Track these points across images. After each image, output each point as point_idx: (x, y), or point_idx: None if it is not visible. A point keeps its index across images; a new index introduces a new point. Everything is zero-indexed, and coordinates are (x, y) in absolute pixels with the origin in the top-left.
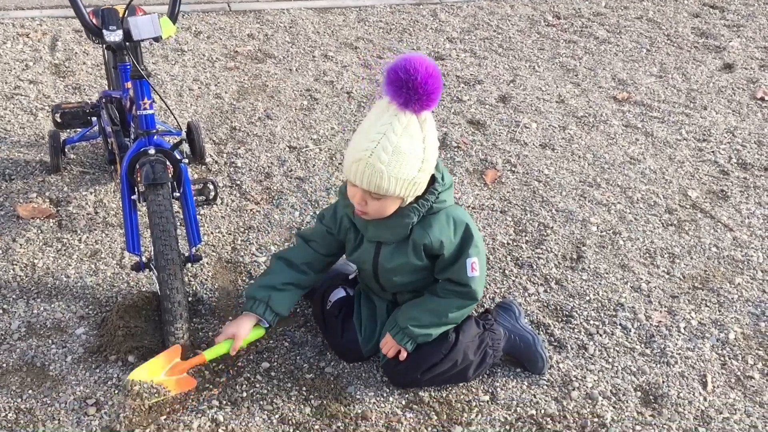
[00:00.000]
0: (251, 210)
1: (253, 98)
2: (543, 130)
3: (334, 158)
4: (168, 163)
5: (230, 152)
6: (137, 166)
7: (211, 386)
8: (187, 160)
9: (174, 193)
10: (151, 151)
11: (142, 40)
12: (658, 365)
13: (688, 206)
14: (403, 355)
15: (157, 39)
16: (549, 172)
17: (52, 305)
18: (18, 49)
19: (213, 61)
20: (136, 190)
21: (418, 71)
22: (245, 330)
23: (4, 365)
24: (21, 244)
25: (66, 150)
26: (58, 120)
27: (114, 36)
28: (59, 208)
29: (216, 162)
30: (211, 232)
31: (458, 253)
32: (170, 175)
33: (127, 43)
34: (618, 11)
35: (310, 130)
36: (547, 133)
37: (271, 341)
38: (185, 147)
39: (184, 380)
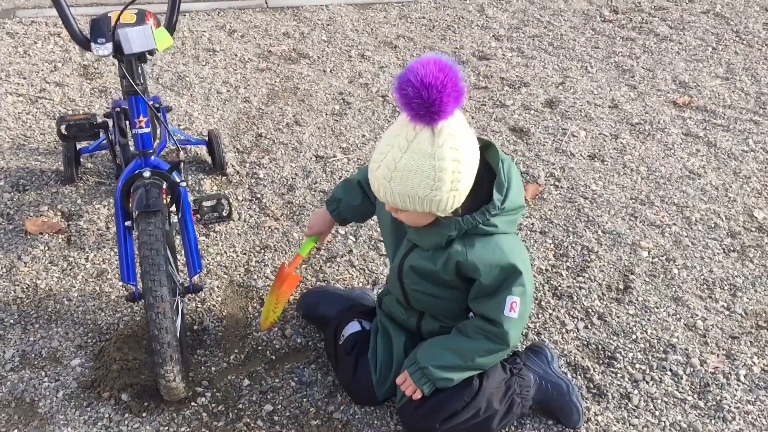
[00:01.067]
0: (269, 227)
1: (282, 102)
2: (592, 139)
3: None
4: (165, 186)
5: (253, 162)
6: (132, 190)
7: (207, 431)
8: (185, 184)
9: (172, 219)
10: (146, 173)
11: (134, 55)
12: (713, 421)
13: (753, 229)
14: (418, 395)
15: (150, 53)
16: (597, 187)
17: (50, 332)
18: (48, 50)
19: (245, 61)
20: (130, 215)
21: (427, 78)
22: (324, 225)
23: None
24: (26, 263)
25: (81, 159)
26: (64, 132)
27: (103, 50)
28: (70, 223)
29: (238, 173)
30: (225, 252)
31: (499, 286)
32: (168, 199)
33: (118, 57)
34: (682, 5)
35: (340, 137)
36: (597, 142)
37: (276, 380)
38: (186, 167)
39: (291, 281)
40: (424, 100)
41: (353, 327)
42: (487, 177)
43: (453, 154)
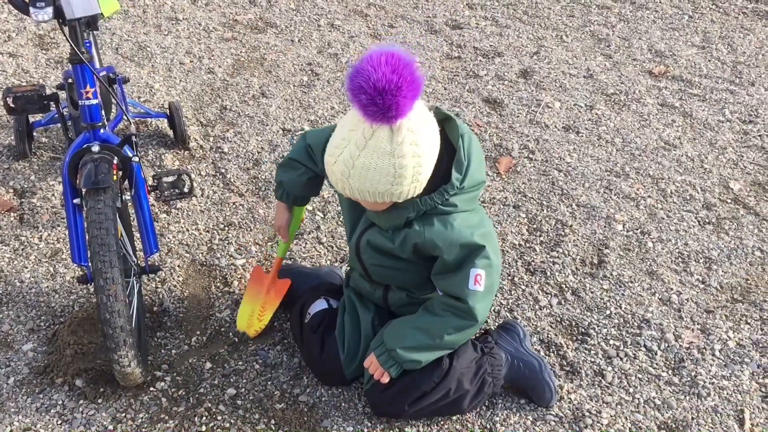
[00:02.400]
0: (234, 203)
1: (248, 73)
2: (567, 110)
3: None
4: (116, 161)
5: (217, 135)
6: (80, 166)
7: (167, 417)
8: (137, 159)
9: (124, 196)
10: (95, 148)
11: (77, 19)
12: (688, 397)
13: (729, 201)
14: (386, 378)
15: (94, 18)
16: (571, 159)
17: (1, 316)
18: (1, 19)
19: (209, 31)
20: (80, 192)
21: (380, 82)
22: (283, 219)
23: None
24: None
25: (35, 134)
26: (11, 105)
27: (42, 14)
28: (23, 200)
29: (201, 147)
30: (187, 229)
31: (462, 261)
32: (120, 175)
33: (61, 22)
34: None
35: (308, 110)
36: (572, 113)
37: (240, 362)
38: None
39: (279, 287)
40: (380, 106)
41: (320, 305)
42: (447, 153)
43: (413, 150)
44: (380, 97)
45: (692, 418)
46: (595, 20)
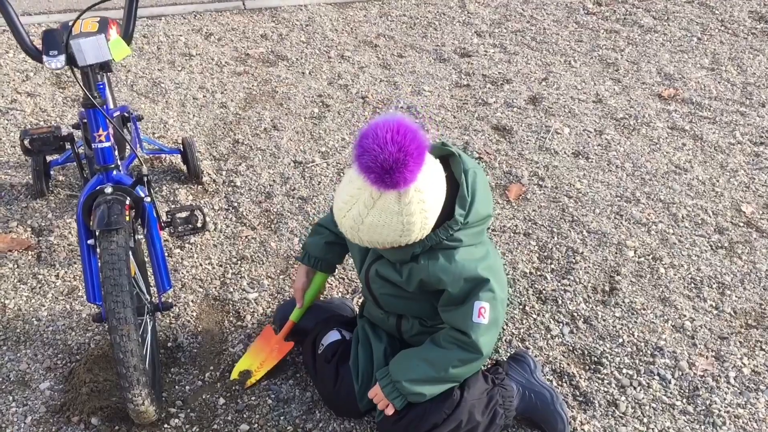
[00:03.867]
0: (246, 237)
1: (260, 106)
2: (576, 136)
3: (341, 174)
4: (129, 201)
5: (230, 169)
6: (93, 207)
7: None
8: (149, 199)
9: (137, 235)
10: (108, 189)
11: (88, 66)
12: (703, 427)
13: (741, 224)
14: (390, 410)
15: (106, 64)
16: (581, 185)
17: (19, 354)
18: (20, 59)
19: (222, 65)
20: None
21: (388, 162)
22: (300, 281)
23: None
24: None
25: (52, 172)
26: (28, 146)
27: (55, 62)
28: (40, 238)
29: (214, 181)
30: (200, 264)
31: (466, 295)
32: (132, 216)
33: (74, 68)
34: None
35: (319, 141)
36: (581, 139)
37: (253, 397)
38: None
39: (283, 347)
40: (387, 183)
41: (333, 336)
42: (451, 189)
43: (420, 207)
44: (388, 175)
45: None
46: (603, 44)
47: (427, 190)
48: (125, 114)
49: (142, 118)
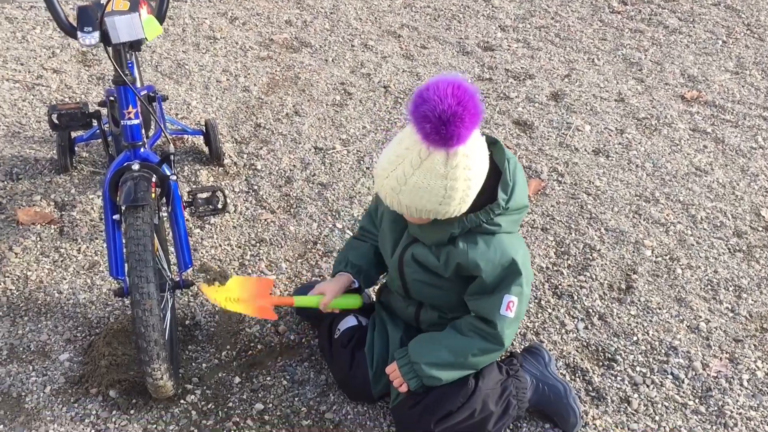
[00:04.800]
0: (266, 220)
1: (282, 92)
2: (597, 134)
3: (362, 162)
4: (155, 179)
5: (251, 153)
6: (120, 183)
7: (196, 430)
8: (175, 177)
9: (161, 213)
10: (135, 166)
11: (121, 44)
12: (714, 427)
13: (760, 228)
14: (404, 388)
15: (138, 42)
16: (600, 183)
17: (39, 325)
18: (47, 35)
19: (246, 50)
20: (119, 208)
21: (446, 114)
22: (333, 288)
23: None
24: (17, 253)
25: (76, 148)
26: (55, 122)
27: (90, 39)
28: (63, 213)
29: (235, 164)
30: (219, 245)
31: (497, 284)
32: (158, 193)
33: (106, 45)
34: None
35: (340, 129)
36: (602, 137)
37: (268, 378)
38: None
39: (265, 309)
40: (442, 135)
41: (349, 321)
42: (492, 175)
43: (465, 174)
44: (444, 127)
45: None
46: (627, 44)
47: (474, 158)
48: (151, 94)
49: (167, 99)
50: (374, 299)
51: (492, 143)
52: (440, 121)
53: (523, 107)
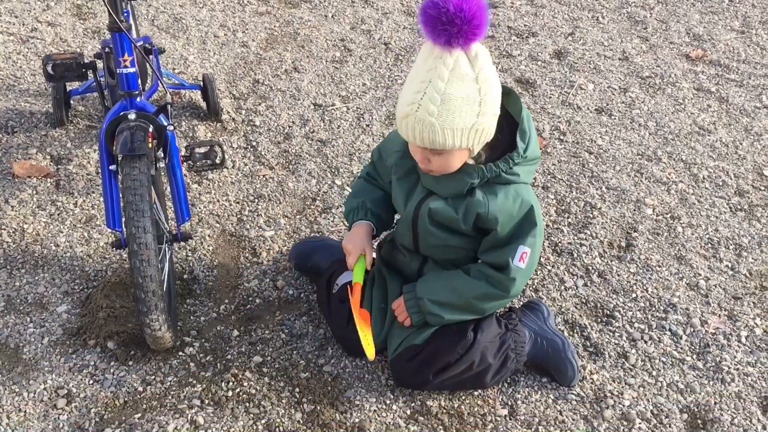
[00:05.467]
0: (264, 176)
1: (281, 48)
2: (600, 92)
3: (361, 119)
4: (151, 129)
5: (249, 109)
6: (116, 133)
7: (194, 381)
8: (172, 127)
9: (159, 164)
10: (132, 116)
11: None
12: (711, 383)
13: (763, 188)
14: (407, 322)
15: None
16: (602, 142)
17: (36, 278)
18: None
19: (244, 4)
20: (116, 159)
21: (451, 2)
22: (362, 240)
23: None
24: (13, 206)
25: (72, 102)
26: (51, 72)
27: None
28: (59, 167)
29: (233, 120)
30: (217, 200)
31: (513, 235)
32: (155, 143)
33: None
34: None
35: (339, 85)
36: (605, 95)
37: (267, 331)
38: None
39: (362, 318)
40: (459, 29)
41: (348, 276)
42: (506, 126)
43: (490, 76)
44: (458, 22)
45: (715, 403)
46: (632, 2)
47: (490, 63)
48: (147, 45)
49: (163, 51)
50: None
51: (506, 93)
52: (453, 17)
53: (525, 65)
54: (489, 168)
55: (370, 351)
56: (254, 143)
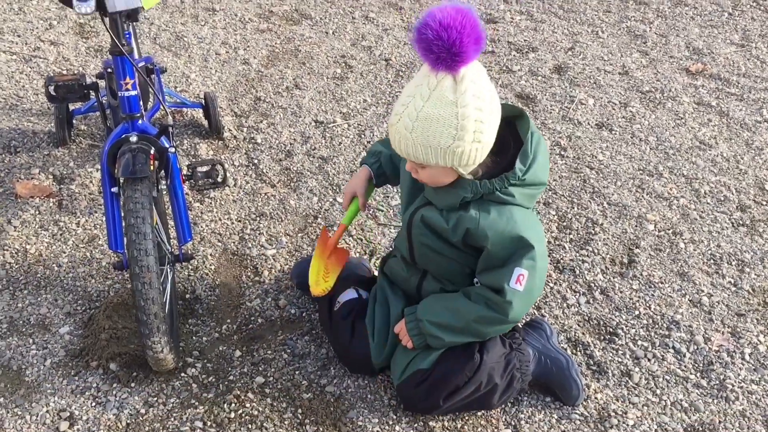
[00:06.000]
0: (266, 194)
1: (282, 65)
2: (601, 107)
3: (362, 135)
4: (153, 151)
5: (251, 126)
6: (118, 155)
7: (197, 403)
8: (173, 149)
9: (160, 186)
10: (133, 138)
11: (118, 12)
12: (716, 401)
13: (764, 203)
14: (409, 344)
15: (136, 12)
16: (603, 157)
17: (39, 299)
18: (43, 7)
19: (245, 22)
20: (117, 181)
21: (446, 20)
22: (362, 185)
23: None
24: (15, 227)
25: (74, 121)
26: (52, 93)
27: (85, 7)
28: (62, 186)
29: (234, 137)
30: (219, 219)
31: (508, 257)
32: (156, 165)
33: (103, 14)
34: None
35: (341, 102)
36: (606, 110)
37: (269, 351)
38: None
39: (340, 255)
40: (444, 41)
41: (349, 294)
42: (514, 146)
43: (476, 102)
44: (445, 32)
45: (719, 422)
46: (632, 16)
47: (482, 86)
48: (149, 66)
49: (165, 71)
50: (375, 273)
51: (518, 116)
52: (441, 27)
53: (525, 80)
54: (483, 184)
55: (314, 288)
56: (256, 161)
